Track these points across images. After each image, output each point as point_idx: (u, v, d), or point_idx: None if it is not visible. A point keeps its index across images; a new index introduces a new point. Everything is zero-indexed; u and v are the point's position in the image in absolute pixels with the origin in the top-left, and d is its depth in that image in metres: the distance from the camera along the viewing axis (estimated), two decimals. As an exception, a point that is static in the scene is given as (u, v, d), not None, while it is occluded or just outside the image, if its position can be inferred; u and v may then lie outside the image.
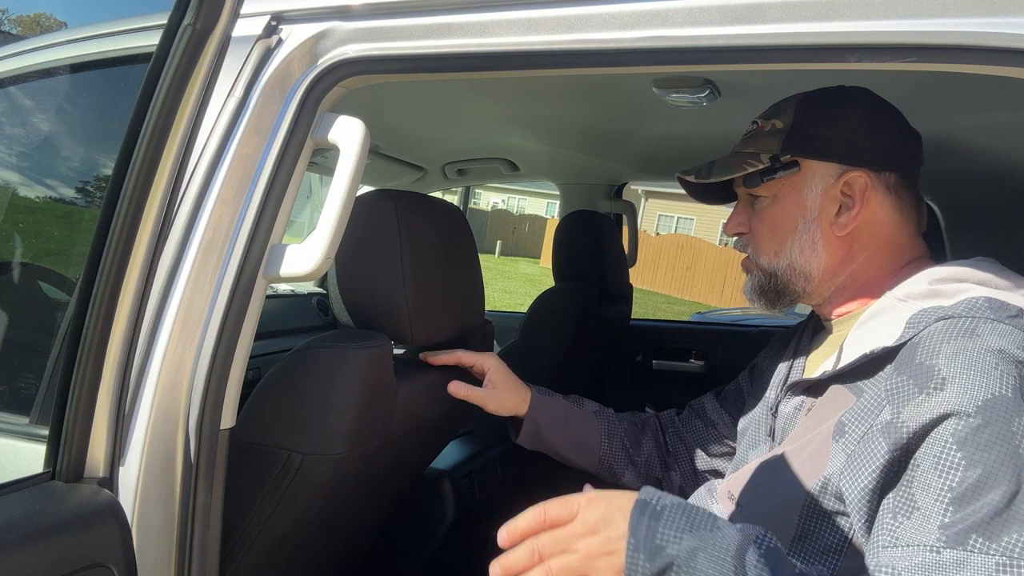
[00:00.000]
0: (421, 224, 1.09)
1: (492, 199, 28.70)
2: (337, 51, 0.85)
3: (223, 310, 0.82)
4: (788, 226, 0.90)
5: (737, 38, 0.71)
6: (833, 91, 0.93)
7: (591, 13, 0.76)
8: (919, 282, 0.82)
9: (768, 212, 0.92)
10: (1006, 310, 0.73)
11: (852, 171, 0.87)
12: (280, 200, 0.84)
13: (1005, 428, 0.64)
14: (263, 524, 0.98)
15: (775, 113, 0.94)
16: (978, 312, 0.73)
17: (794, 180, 0.90)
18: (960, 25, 0.65)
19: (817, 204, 0.88)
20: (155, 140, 0.65)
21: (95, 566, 0.71)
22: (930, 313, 0.76)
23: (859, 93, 0.92)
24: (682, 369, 2.48)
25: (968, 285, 0.78)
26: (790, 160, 0.89)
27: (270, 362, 1.05)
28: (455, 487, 1.57)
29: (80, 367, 0.70)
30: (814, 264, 0.89)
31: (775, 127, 0.92)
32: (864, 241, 0.89)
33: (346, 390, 0.97)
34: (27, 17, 37.32)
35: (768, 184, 0.91)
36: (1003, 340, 0.70)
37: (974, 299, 0.75)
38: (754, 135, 0.95)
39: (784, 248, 0.90)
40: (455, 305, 1.16)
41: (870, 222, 0.88)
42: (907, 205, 0.90)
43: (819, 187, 0.88)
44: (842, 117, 0.89)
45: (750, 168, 0.90)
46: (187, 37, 0.63)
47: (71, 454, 0.73)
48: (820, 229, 0.89)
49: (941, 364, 0.70)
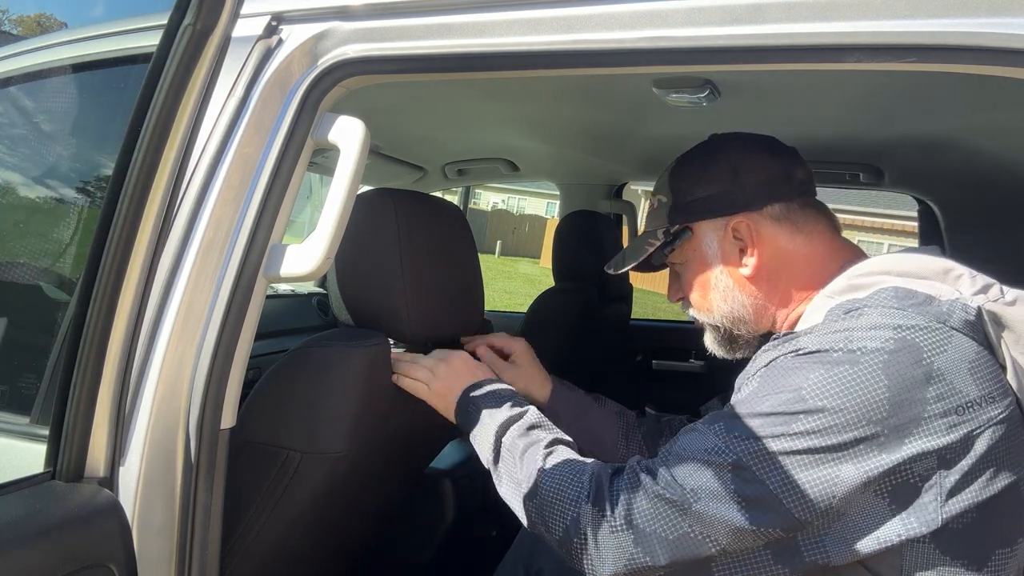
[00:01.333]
0: (420, 222, 1.09)
1: (492, 199, 28.69)
2: (337, 51, 0.85)
3: (223, 310, 0.82)
4: (705, 283, 0.97)
5: (737, 38, 0.71)
6: (699, 149, 0.99)
7: (591, 13, 0.76)
8: (841, 280, 0.85)
9: (687, 276, 1.00)
10: (911, 298, 0.75)
11: (734, 218, 0.93)
12: (280, 200, 0.84)
13: (801, 369, 0.73)
14: (262, 523, 0.98)
15: (658, 188, 1.02)
16: (881, 302, 0.76)
17: (692, 244, 0.97)
18: (960, 25, 0.65)
19: (719, 256, 0.95)
20: (155, 140, 0.65)
21: (95, 566, 0.71)
22: (842, 306, 0.80)
23: (721, 143, 0.99)
24: (682, 369, 2.48)
25: (887, 277, 0.80)
26: (681, 228, 0.97)
27: (270, 362, 1.05)
28: (455, 487, 1.57)
29: (80, 367, 0.70)
30: (739, 307, 0.95)
31: (660, 202, 1.00)
32: (778, 271, 0.93)
33: (344, 389, 0.97)
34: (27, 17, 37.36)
35: (674, 254, 0.99)
36: (877, 319, 0.73)
37: (883, 289, 0.78)
38: (650, 212, 1.03)
39: (712, 303, 0.97)
40: (455, 303, 1.16)
41: (774, 254, 0.93)
42: (807, 223, 0.93)
43: (714, 242, 0.96)
44: (709, 174, 0.96)
45: (650, 248, 0.99)
46: (187, 37, 0.63)
47: (71, 454, 0.73)
48: (731, 277, 0.95)
49: (802, 336, 0.78)
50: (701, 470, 0.74)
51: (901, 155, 1.63)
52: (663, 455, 0.80)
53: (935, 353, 0.70)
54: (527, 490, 0.87)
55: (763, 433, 0.72)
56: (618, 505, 0.78)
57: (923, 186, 1.97)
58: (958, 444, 0.68)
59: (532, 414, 0.97)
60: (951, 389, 0.69)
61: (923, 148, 1.52)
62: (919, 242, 2.17)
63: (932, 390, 0.69)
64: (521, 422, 0.95)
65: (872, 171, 1.79)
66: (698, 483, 0.74)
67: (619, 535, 0.77)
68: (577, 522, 0.80)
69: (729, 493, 0.72)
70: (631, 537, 0.76)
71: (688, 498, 0.74)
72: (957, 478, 0.68)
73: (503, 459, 0.93)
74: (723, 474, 0.73)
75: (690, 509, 0.73)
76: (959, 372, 0.70)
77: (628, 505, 0.78)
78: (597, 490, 0.81)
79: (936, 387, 0.69)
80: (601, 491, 0.81)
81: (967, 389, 0.69)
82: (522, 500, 0.88)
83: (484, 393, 1.01)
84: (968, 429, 0.68)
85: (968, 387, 0.69)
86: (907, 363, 0.69)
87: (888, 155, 1.65)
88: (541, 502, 0.85)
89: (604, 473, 0.83)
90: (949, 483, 0.68)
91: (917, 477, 0.69)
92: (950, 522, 0.69)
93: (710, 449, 0.75)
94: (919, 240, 2.15)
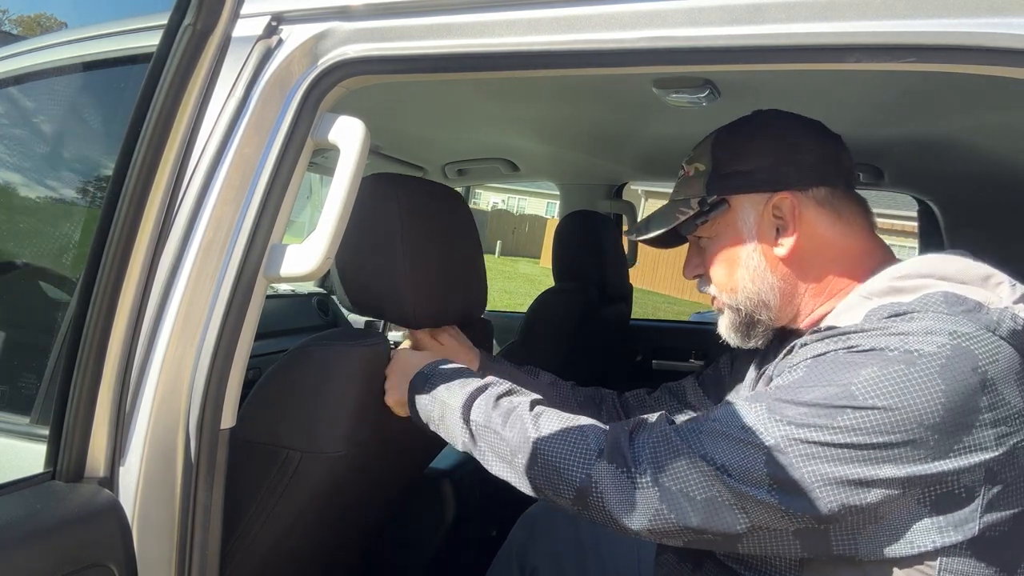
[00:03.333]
0: (422, 207, 1.09)
1: (492, 199, 28.69)
2: (337, 51, 0.85)
3: (223, 310, 0.82)
4: (734, 260, 0.93)
5: (737, 38, 0.71)
6: (745, 121, 0.95)
7: (591, 13, 0.76)
8: (881, 280, 0.83)
9: (713, 251, 0.95)
10: (962, 304, 0.74)
11: (777, 195, 0.89)
12: (280, 200, 0.84)
13: (853, 366, 0.71)
14: (262, 523, 0.98)
15: (697, 156, 0.96)
16: (932, 306, 0.74)
17: (727, 217, 0.92)
18: (960, 25, 0.65)
19: (754, 233, 0.91)
20: (155, 140, 0.65)
21: (95, 566, 0.71)
22: (886, 309, 0.77)
23: (771, 117, 0.95)
24: (682, 369, 2.48)
25: (931, 281, 0.79)
26: (718, 200, 0.92)
27: (270, 362, 1.05)
28: (455, 487, 1.57)
29: (80, 367, 0.70)
30: (767, 289, 0.91)
31: (698, 171, 0.95)
32: (811, 257, 0.90)
33: (343, 388, 0.97)
34: (27, 17, 37.31)
35: (705, 226, 0.94)
36: (930, 324, 0.71)
37: (931, 294, 0.76)
38: (683, 181, 0.98)
39: (737, 281, 0.93)
40: (457, 287, 1.16)
41: (811, 238, 0.89)
42: (848, 213, 0.91)
43: (751, 217, 0.91)
44: (757, 147, 0.91)
45: (682, 216, 0.93)
46: (187, 37, 0.63)
47: (71, 454, 0.73)
48: (763, 256, 0.91)
49: (855, 334, 0.76)
50: (737, 446, 0.73)
51: (901, 155, 1.63)
52: (697, 423, 0.78)
53: (989, 362, 0.68)
54: (525, 459, 0.84)
55: (805, 422, 0.70)
56: (642, 462, 0.77)
57: (923, 186, 1.97)
58: (1005, 456, 0.67)
59: (495, 384, 0.94)
60: (1002, 399, 0.68)
61: (923, 148, 1.52)
62: (919, 242, 2.16)
63: (985, 399, 0.67)
64: (487, 393, 0.92)
65: (872, 171, 1.79)
66: (733, 458, 0.72)
67: (645, 491, 0.75)
68: (592, 480, 0.78)
69: (763, 474, 0.71)
70: (657, 493, 0.75)
71: (721, 470, 0.73)
72: (1000, 489, 0.67)
73: (480, 436, 0.89)
74: (758, 454, 0.71)
75: (722, 479, 0.72)
76: (1009, 383, 0.68)
77: (656, 463, 0.76)
78: (613, 446, 0.79)
79: (989, 397, 0.67)
80: (619, 447, 0.79)
81: (1015, 400, 0.68)
82: (523, 470, 0.84)
83: (433, 375, 0.97)
84: (1015, 441, 0.68)
85: (1016, 398, 0.68)
86: (965, 370, 0.68)
87: (888, 155, 1.65)
88: (545, 466, 0.82)
89: (620, 430, 0.81)
90: (992, 495, 0.67)
91: (962, 488, 0.67)
92: (986, 531, 0.68)
93: (748, 427, 0.73)
94: (919, 240, 2.15)
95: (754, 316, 0.93)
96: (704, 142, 0.97)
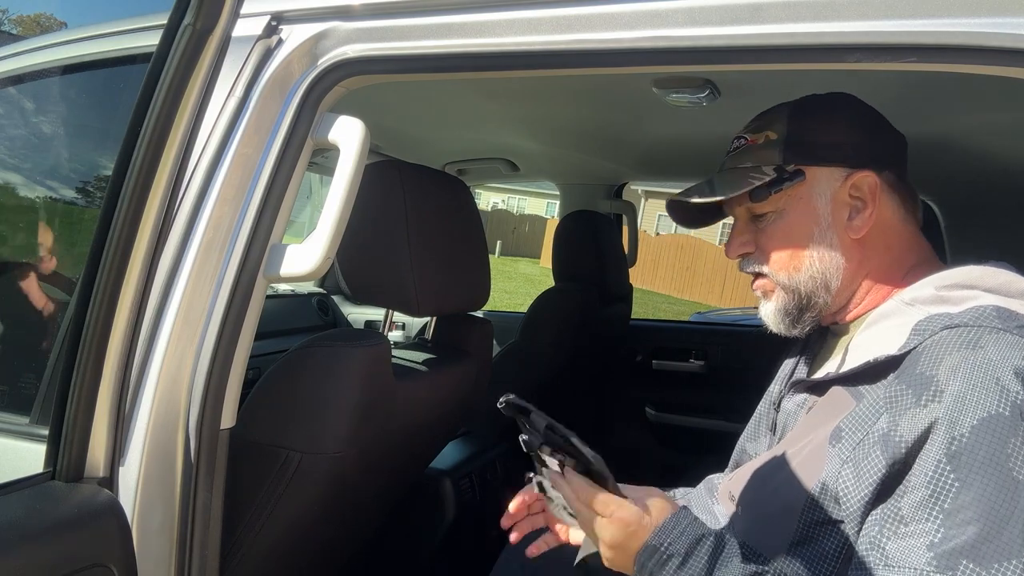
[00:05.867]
0: (426, 195, 1.08)
1: (492, 199, 28.68)
2: (337, 51, 0.85)
3: (223, 310, 0.82)
4: (804, 237, 0.87)
5: (737, 38, 0.71)
6: (821, 98, 0.92)
7: (591, 13, 0.76)
8: (926, 287, 0.81)
9: (777, 227, 0.89)
10: (1015, 320, 0.72)
11: (858, 172, 0.85)
12: (280, 200, 0.84)
13: (999, 449, 0.63)
14: (262, 523, 0.98)
15: (765, 125, 0.91)
16: (985, 322, 0.72)
17: (800, 190, 0.87)
18: (960, 25, 0.65)
19: (829, 210, 0.86)
20: (155, 140, 0.65)
21: (95, 566, 0.71)
22: (936, 320, 0.75)
23: (846, 98, 0.91)
24: (682, 369, 2.47)
25: (977, 292, 0.77)
26: (795, 170, 0.86)
27: (270, 362, 1.05)
28: (455, 487, 1.57)
29: (80, 367, 0.70)
30: (834, 271, 0.87)
31: (768, 139, 0.89)
32: (875, 242, 0.87)
33: (344, 388, 0.97)
34: (27, 17, 37.31)
35: (774, 198, 0.88)
36: (1008, 353, 0.69)
37: (982, 307, 0.74)
38: (747, 149, 0.92)
39: (803, 261, 0.87)
40: (461, 276, 1.15)
41: (880, 222, 0.87)
42: (908, 202, 0.89)
43: (827, 193, 0.86)
44: (836, 121, 0.88)
45: (756, 182, 0.86)
46: (187, 37, 0.63)
47: (71, 454, 0.73)
48: (837, 235, 0.86)
49: (941, 376, 0.69)
50: None
51: (901, 155, 1.62)
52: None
53: None
54: None
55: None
56: None
57: (923, 186, 1.96)
58: None
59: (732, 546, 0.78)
60: None
61: (923, 148, 1.51)
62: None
63: None
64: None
65: (872, 171, 1.79)
66: None
67: None
68: None
69: None
70: None
71: None
72: None
73: None
74: None
75: None
76: None
77: None
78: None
79: None
80: None
81: None
82: None
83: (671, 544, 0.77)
84: None
85: None
86: None
87: (888, 155, 1.65)
88: None
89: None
90: None
91: None
92: None
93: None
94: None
95: (812, 299, 0.88)
96: (772, 112, 0.91)
